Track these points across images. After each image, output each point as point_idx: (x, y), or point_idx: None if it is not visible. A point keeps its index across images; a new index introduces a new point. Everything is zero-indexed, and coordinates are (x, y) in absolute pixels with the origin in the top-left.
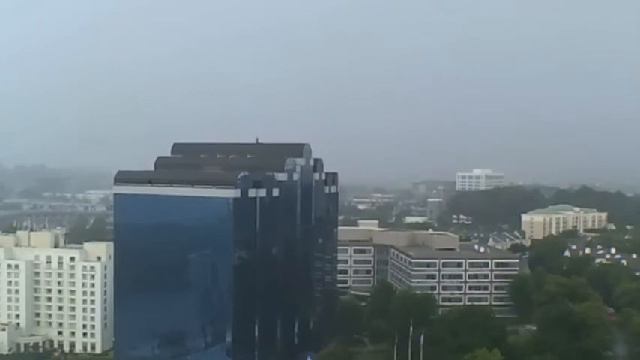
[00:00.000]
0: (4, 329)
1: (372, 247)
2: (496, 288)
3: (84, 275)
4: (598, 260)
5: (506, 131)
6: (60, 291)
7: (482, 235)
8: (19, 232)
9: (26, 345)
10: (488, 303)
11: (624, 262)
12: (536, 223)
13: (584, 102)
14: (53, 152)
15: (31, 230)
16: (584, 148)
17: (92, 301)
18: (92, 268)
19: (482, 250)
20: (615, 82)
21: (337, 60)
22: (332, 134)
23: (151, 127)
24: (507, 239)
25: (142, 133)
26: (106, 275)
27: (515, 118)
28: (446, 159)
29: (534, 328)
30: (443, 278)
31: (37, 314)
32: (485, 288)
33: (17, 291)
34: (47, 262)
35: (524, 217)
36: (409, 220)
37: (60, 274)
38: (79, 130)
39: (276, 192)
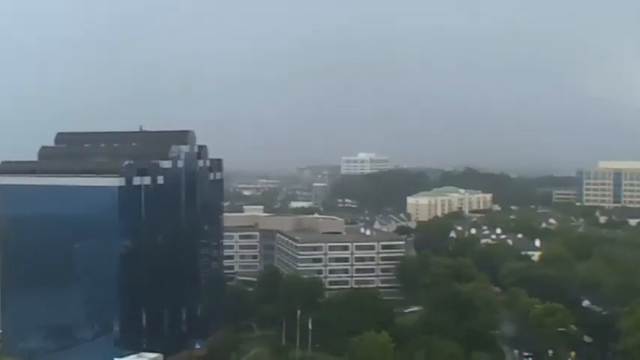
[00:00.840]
0: None
1: (257, 233)
2: (383, 270)
3: None
4: (484, 241)
5: (390, 114)
6: None
7: (367, 219)
8: None
9: None
10: (375, 285)
11: (510, 242)
12: (421, 205)
13: (467, 85)
14: None
15: None
16: (468, 130)
17: None
18: None
19: (368, 233)
20: (497, 65)
21: (218, 45)
22: (216, 120)
23: (34, 117)
24: (393, 222)
25: (24, 123)
26: None
27: (398, 100)
28: (330, 143)
29: (422, 309)
30: (329, 262)
31: None
32: (372, 271)
33: None
34: None
35: (410, 200)
36: (294, 204)
37: None
38: None
39: (161, 179)
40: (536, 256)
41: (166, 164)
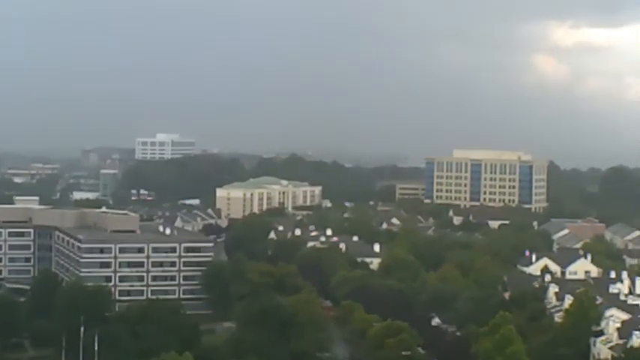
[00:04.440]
0: None
1: (31, 230)
2: (186, 278)
3: None
4: (311, 244)
5: (194, 90)
6: None
7: (168, 214)
8: None
9: None
10: (176, 296)
11: (343, 245)
12: (234, 198)
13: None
14: None
15: None
16: (293, 110)
17: None
18: None
19: (168, 232)
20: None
21: None
22: None
23: None
24: (199, 219)
25: None
26: None
27: (207, 75)
28: (122, 122)
29: (234, 326)
30: (120, 267)
31: None
32: (173, 278)
33: None
34: None
35: (220, 192)
36: (78, 196)
37: None
38: None
39: None
40: (375, 263)
41: None
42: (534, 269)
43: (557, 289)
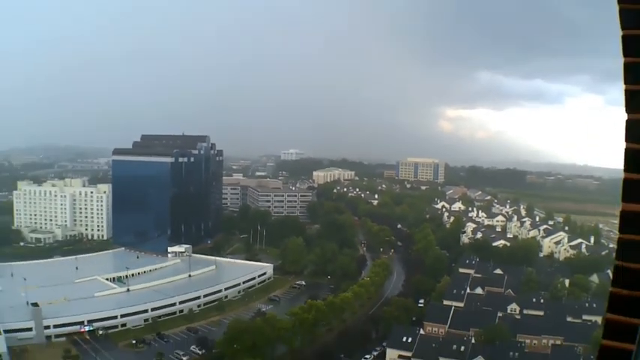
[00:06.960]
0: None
1: (239, 187)
2: (300, 207)
3: (98, 199)
4: (350, 194)
5: (309, 119)
6: (86, 208)
7: (293, 181)
8: (66, 180)
9: (72, 236)
10: (296, 215)
11: (363, 195)
12: (319, 176)
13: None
14: (81, 133)
15: (72, 179)
16: (355, 129)
17: (100, 213)
18: (101, 197)
19: (293, 189)
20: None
21: (237, 54)
22: (216, 123)
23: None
24: (306, 183)
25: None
26: (106, 199)
27: (313, 106)
28: (274, 139)
29: (319, 227)
30: (274, 203)
31: (74, 220)
32: (294, 207)
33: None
34: (80, 194)
35: (315, 173)
36: (257, 174)
37: (86, 200)
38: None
39: (192, 159)
40: (375, 202)
41: (195, 152)
42: (439, 206)
43: (447, 214)
